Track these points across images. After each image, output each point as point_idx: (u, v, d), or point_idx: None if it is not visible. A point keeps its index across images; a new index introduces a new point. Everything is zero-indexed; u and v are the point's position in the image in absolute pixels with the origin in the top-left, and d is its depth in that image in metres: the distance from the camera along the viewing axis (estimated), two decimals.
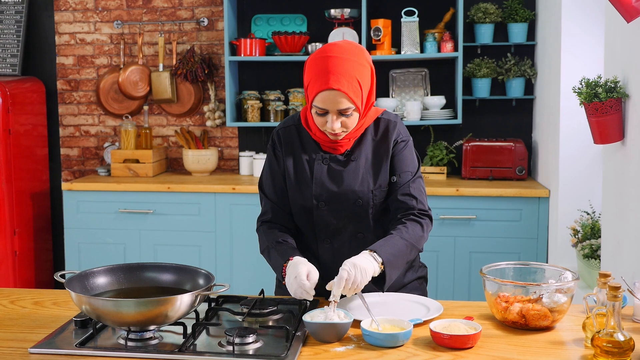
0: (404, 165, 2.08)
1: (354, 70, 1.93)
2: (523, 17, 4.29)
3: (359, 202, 2.05)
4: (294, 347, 1.67)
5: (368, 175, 2.06)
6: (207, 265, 4.12)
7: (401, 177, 2.07)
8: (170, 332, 1.78)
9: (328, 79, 1.92)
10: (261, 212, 2.17)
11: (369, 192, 2.05)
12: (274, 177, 2.13)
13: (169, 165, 4.79)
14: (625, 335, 1.56)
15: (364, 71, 1.96)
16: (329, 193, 2.05)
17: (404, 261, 2.00)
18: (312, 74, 1.96)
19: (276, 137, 2.14)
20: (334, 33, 4.28)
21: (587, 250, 3.25)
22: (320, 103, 1.95)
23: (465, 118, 4.46)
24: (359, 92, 1.95)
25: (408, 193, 2.06)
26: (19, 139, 4.40)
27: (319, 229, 2.09)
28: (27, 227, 4.47)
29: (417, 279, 2.22)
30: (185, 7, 4.65)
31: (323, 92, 1.93)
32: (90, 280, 1.85)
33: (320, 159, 2.07)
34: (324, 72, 1.93)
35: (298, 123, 2.13)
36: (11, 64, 4.66)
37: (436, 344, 1.70)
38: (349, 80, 1.92)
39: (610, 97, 2.65)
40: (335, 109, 1.94)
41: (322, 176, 2.06)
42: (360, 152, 2.07)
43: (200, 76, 4.52)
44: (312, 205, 2.06)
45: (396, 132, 2.10)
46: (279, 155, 2.12)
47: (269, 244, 2.07)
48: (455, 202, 3.98)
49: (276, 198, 2.12)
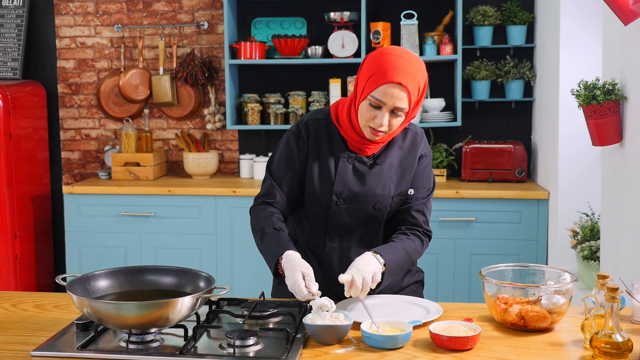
0: (424, 181, 2.13)
1: (417, 74, 1.95)
2: (522, 19, 4.30)
3: (377, 206, 2.07)
4: (294, 350, 1.68)
5: (390, 181, 2.07)
6: (207, 268, 4.13)
7: (419, 192, 2.12)
8: (171, 335, 1.79)
9: (395, 74, 1.91)
10: (262, 192, 2.14)
11: (389, 197, 2.07)
12: (288, 163, 2.10)
13: (169, 169, 4.80)
14: (624, 336, 1.56)
15: (423, 79, 1.99)
16: (350, 192, 2.06)
17: (400, 270, 2.06)
18: (377, 67, 1.94)
19: (303, 128, 2.11)
20: (333, 36, 4.29)
21: (587, 251, 3.26)
22: (380, 95, 1.93)
23: (464, 120, 4.47)
24: (416, 96, 1.97)
25: (421, 211, 2.12)
26: (20, 142, 4.41)
27: (331, 227, 2.09)
28: (28, 230, 4.48)
29: (414, 283, 2.24)
30: (186, 11, 4.66)
31: (386, 85, 1.92)
32: (91, 283, 1.86)
33: (346, 158, 2.08)
34: (391, 66, 1.92)
35: (328, 117, 2.12)
36: (12, 67, 4.67)
37: (436, 345, 1.71)
38: (413, 82, 1.94)
39: (608, 99, 2.66)
40: (392, 105, 1.94)
41: (346, 174, 2.06)
42: (386, 157, 2.09)
43: (201, 79, 4.53)
44: (331, 201, 2.06)
45: (422, 145, 2.13)
46: (302, 146, 2.10)
47: (264, 226, 2.06)
48: (455, 204, 3.98)
49: (285, 187, 2.10)
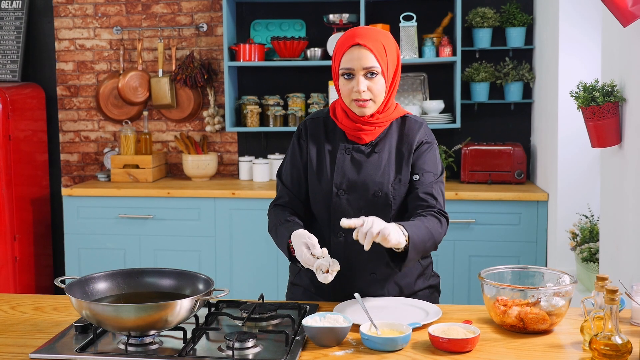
0: (426, 166, 2.09)
1: (378, 36, 2.01)
2: (521, 21, 4.30)
3: (377, 193, 2.06)
4: (293, 352, 1.68)
5: (389, 168, 2.07)
6: (206, 270, 4.13)
7: (424, 176, 2.08)
8: (170, 337, 1.79)
9: (353, 38, 1.99)
10: (276, 197, 2.20)
11: (389, 184, 2.06)
12: (294, 166, 2.15)
13: (168, 171, 4.80)
14: (623, 338, 1.56)
15: (389, 41, 2.03)
16: (349, 181, 2.07)
17: (423, 247, 1.95)
18: (339, 42, 2.03)
19: (302, 127, 2.17)
20: (332, 38, 4.30)
21: (586, 253, 3.26)
22: (347, 62, 1.99)
23: (463, 122, 4.47)
24: (384, 54, 1.99)
25: (430, 192, 2.06)
26: (19, 144, 4.41)
27: (335, 220, 2.07)
28: (27, 232, 4.48)
29: (427, 287, 2.19)
30: (185, 13, 4.66)
31: (349, 50, 1.99)
32: (90, 286, 1.86)
33: (344, 149, 2.10)
34: (350, 35, 2.01)
35: (326, 115, 2.16)
36: (11, 70, 4.67)
37: (435, 347, 1.71)
38: (374, 41, 1.99)
39: (607, 101, 2.66)
40: (360, 66, 1.98)
41: (344, 165, 2.08)
42: (384, 145, 2.09)
43: (200, 81, 4.54)
44: (332, 193, 2.07)
45: (421, 132, 2.12)
46: (302, 144, 2.15)
47: (277, 222, 2.09)
48: (455, 206, 3.98)
49: (293, 186, 2.15)
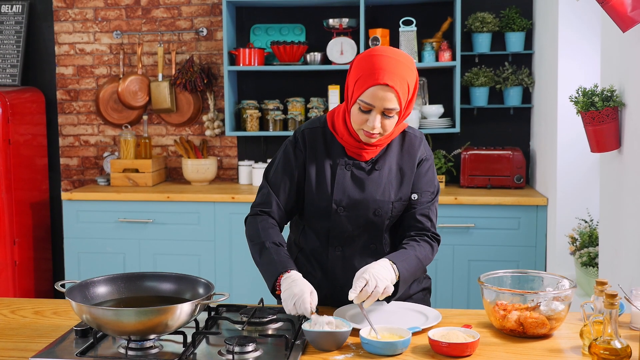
0: (426, 185, 2.09)
1: (405, 73, 1.93)
2: (520, 26, 4.31)
3: (378, 212, 2.04)
4: (293, 356, 1.68)
5: (390, 186, 2.05)
6: (206, 274, 4.12)
7: (422, 196, 2.08)
8: (170, 341, 1.79)
9: (381, 75, 1.90)
10: (258, 200, 2.11)
11: (389, 203, 2.05)
12: (285, 172, 2.08)
13: (168, 175, 4.80)
14: (623, 342, 1.56)
15: (413, 77, 1.96)
16: (349, 199, 2.04)
17: (413, 279, 2.02)
18: (363, 70, 1.93)
19: (300, 137, 2.10)
20: (332, 43, 4.30)
21: (585, 258, 3.26)
22: (369, 98, 1.92)
23: (463, 127, 4.48)
24: (406, 95, 1.94)
25: (427, 215, 2.08)
26: (19, 148, 4.41)
27: (333, 235, 2.07)
28: (27, 236, 4.48)
29: (421, 291, 2.22)
30: (185, 17, 4.67)
31: (374, 88, 1.90)
32: (90, 290, 1.86)
33: (344, 165, 2.06)
34: (377, 68, 1.91)
35: (324, 125, 2.10)
36: (11, 74, 4.67)
37: (435, 352, 1.71)
38: (400, 81, 1.91)
39: (606, 105, 2.66)
40: (382, 107, 1.92)
41: (345, 182, 2.05)
42: (384, 162, 2.07)
43: (200, 86, 4.54)
44: (331, 209, 2.04)
45: (422, 149, 2.10)
46: (299, 154, 2.09)
47: (264, 240, 2.02)
48: (454, 211, 3.98)
49: (279, 192, 2.08)
